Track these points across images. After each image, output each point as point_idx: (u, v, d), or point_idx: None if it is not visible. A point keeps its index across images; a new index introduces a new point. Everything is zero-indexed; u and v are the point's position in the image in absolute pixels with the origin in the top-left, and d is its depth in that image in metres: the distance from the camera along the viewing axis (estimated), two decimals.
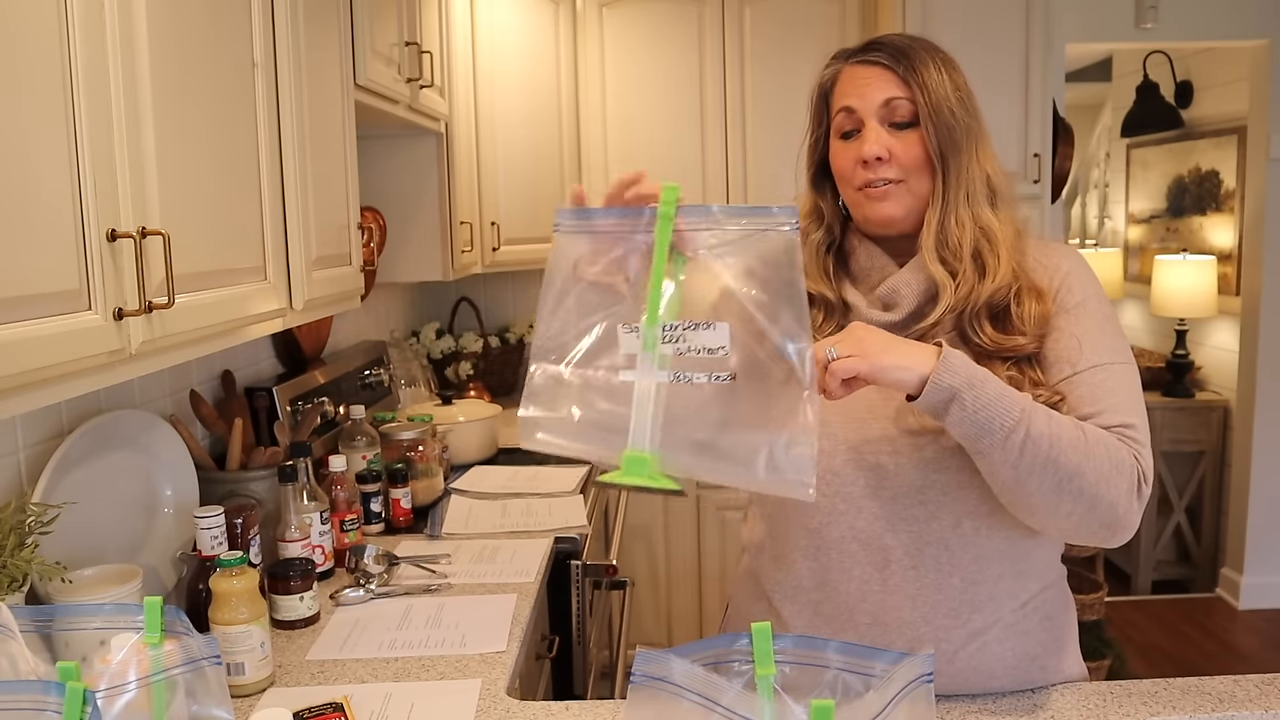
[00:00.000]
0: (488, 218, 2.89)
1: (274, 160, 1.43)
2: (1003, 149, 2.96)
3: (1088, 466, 1.00)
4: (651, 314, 0.88)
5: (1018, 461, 0.99)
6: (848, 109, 1.16)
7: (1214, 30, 3.52)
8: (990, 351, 1.11)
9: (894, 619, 1.12)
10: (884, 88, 1.14)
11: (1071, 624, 1.23)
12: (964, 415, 0.98)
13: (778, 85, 3.17)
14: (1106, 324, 1.13)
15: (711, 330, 0.88)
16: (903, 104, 1.13)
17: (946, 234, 1.13)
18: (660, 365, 0.87)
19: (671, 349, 0.88)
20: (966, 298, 1.12)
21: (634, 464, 0.88)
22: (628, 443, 0.87)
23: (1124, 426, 1.06)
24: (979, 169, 1.15)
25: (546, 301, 0.92)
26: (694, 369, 0.88)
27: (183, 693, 0.92)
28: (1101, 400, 1.07)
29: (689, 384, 0.88)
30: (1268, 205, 3.60)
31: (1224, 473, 3.96)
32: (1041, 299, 1.13)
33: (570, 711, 1.19)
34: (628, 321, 0.89)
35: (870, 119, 1.14)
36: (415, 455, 2.12)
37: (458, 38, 2.64)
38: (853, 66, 1.18)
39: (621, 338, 0.89)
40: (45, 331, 0.91)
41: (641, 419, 0.87)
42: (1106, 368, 1.09)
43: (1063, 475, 0.99)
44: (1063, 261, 1.17)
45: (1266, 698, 1.13)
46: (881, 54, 1.15)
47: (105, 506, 1.44)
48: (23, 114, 0.88)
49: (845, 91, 1.17)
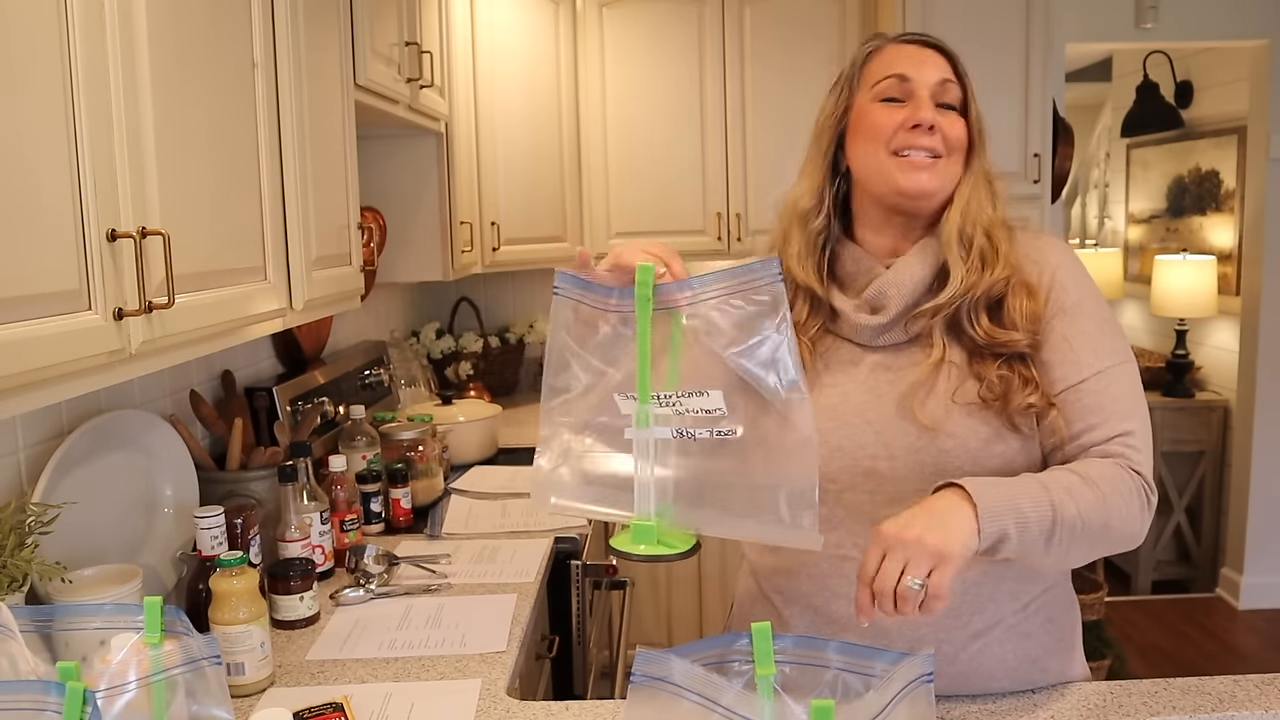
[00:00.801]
0: (488, 218, 2.89)
1: (274, 160, 1.43)
2: (1003, 149, 2.98)
3: (1112, 519, 1.03)
4: (642, 393, 0.90)
5: (1058, 551, 1.01)
6: (901, 76, 1.16)
7: (1214, 30, 3.52)
8: (983, 346, 1.12)
9: (894, 623, 1.12)
10: (939, 68, 1.16)
11: (1075, 626, 1.22)
12: (1012, 547, 0.98)
13: (778, 85, 3.16)
14: (1104, 323, 1.14)
15: (705, 397, 0.90)
16: (953, 88, 1.16)
17: (965, 224, 1.14)
18: (660, 424, 0.90)
19: (671, 411, 0.90)
20: (971, 288, 1.12)
21: (641, 532, 0.90)
22: (634, 507, 0.90)
23: (1124, 435, 1.07)
24: (985, 169, 1.18)
25: (550, 365, 0.94)
26: (695, 426, 0.90)
27: (183, 693, 0.92)
28: (1104, 409, 1.08)
29: (692, 440, 0.90)
30: (1268, 205, 3.60)
31: (1224, 473, 3.96)
32: (1033, 296, 1.13)
33: (570, 711, 1.19)
34: (622, 390, 0.91)
35: (923, 90, 1.15)
36: (415, 455, 2.12)
37: (458, 38, 2.64)
38: (904, 44, 1.19)
39: (619, 404, 0.91)
40: (45, 331, 0.91)
41: (644, 490, 0.90)
42: (1108, 373, 1.10)
43: (1095, 538, 1.03)
44: (1051, 255, 1.17)
45: (1266, 698, 1.13)
46: (933, 40, 1.19)
47: (105, 506, 1.44)
48: (23, 114, 0.88)
49: (896, 62, 1.17)
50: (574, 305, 0.93)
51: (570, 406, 0.92)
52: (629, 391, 0.91)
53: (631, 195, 3.28)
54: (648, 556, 0.89)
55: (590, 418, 0.91)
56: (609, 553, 0.93)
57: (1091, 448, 1.08)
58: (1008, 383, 1.09)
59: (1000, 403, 1.09)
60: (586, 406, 0.92)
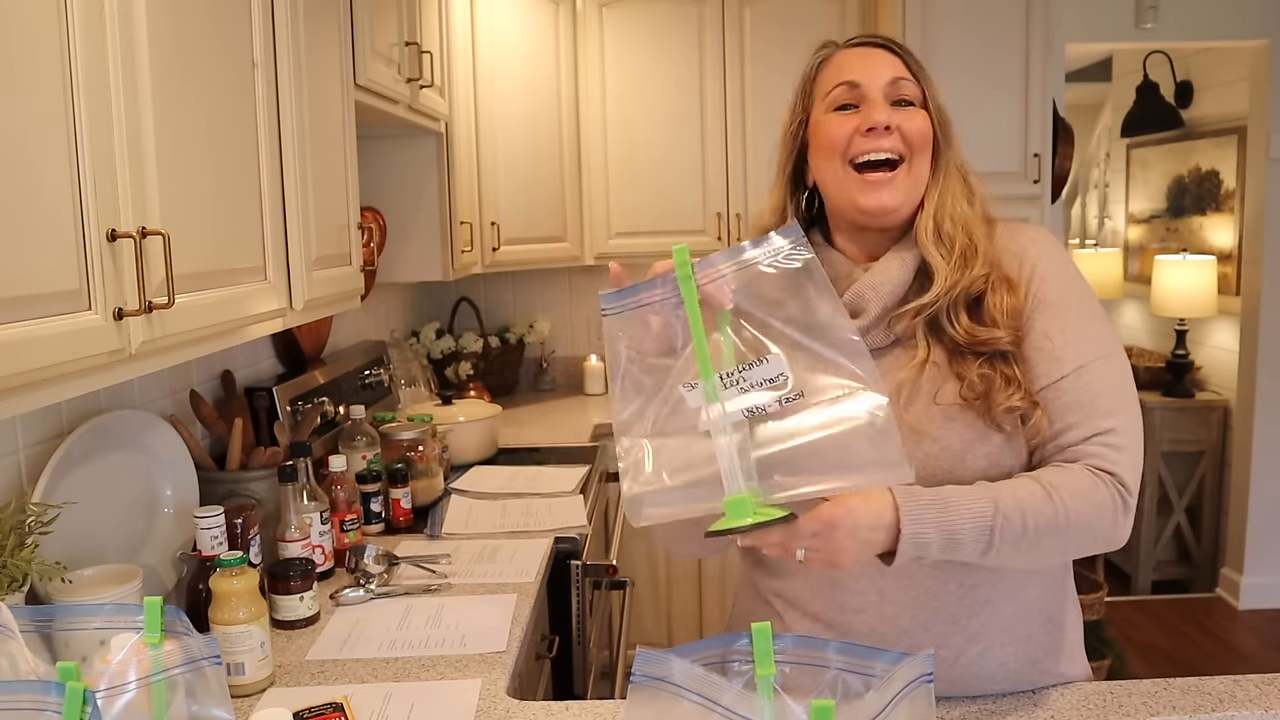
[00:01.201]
0: (488, 218, 2.89)
1: (274, 160, 1.43)
2: (1003, 149, 2.98)
3: (1072, 530, 1.03)
4: (704, 368, 0.90)
5: (1003, 560, 1.04)
6: (850, 83, 1.14)
7: (1214, 30, 3.52)
8: (964, 346, 1.10)
9: (892, 628, 1.11)
10: (890, 67, 1.14)
11: (1076, 626, 1.22)
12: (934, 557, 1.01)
13: (778, 85, 3.15)
14: (1086, 315, 1.12)
15: (765, 364, 0.90)
16: (908, 84, 1.14)
17: (940, 224, 1.13)
18: (730, 403, 0.90)
19: (736, 389, 0.90)
20: (953, 287, 1.10)
21: (736, 507, 0.90)
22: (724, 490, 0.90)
23: (1103, 434, 1.05)
24: (957, 164, 1.17)
25: (614, 384, 0.94)
26: (762, 400, 0.90)
27: (183, 693, 0.92)
28: (1084, 407, 1.07)
29: (764, 414, 0.90)
30: (1268, 205, 3.60)
31: (1224, 473, 3.96)
32: (1013, 290, 1.11)
33: (570, 711, 1.19)
34: (685, 381, 0.91)
35: (875, 92, 1.13)
36: (415, 455, 2.12)
37: (458, 38, 2.64)
38: (852, 48, 1.18)
39: (685, 395, 0.91)
40: (45, 331, 0.91)
41: (730, 464, 0.89)
42: (1089, 368, 1.08)
43: (1047, 549, 1.04)
44: (1031, 247, 1.15)
45: (1266, 698, 1.13)
46: (882, 39, 1.18)
47: (105, 506, 1.44)
48: (23, 114, 0.88)
49: (845, 68, 1.15)
50: (623, 317, 0.94)
51: (639, 416, 0.93)
52: (690, 379, 0.91)
53: (631, 195, 3.28)
54: (747, 527, 0.89)
55: (661, 421, 0.92)
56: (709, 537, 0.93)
57: (1068, 448, 1.06)
58: (989, 382, 1.07)
59: (982, 402, 1.07)
60: (655, 412, 0.92)
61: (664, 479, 0.91)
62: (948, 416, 1.09)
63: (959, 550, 1.00)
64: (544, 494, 2.20)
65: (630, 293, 0.95)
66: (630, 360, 0.94)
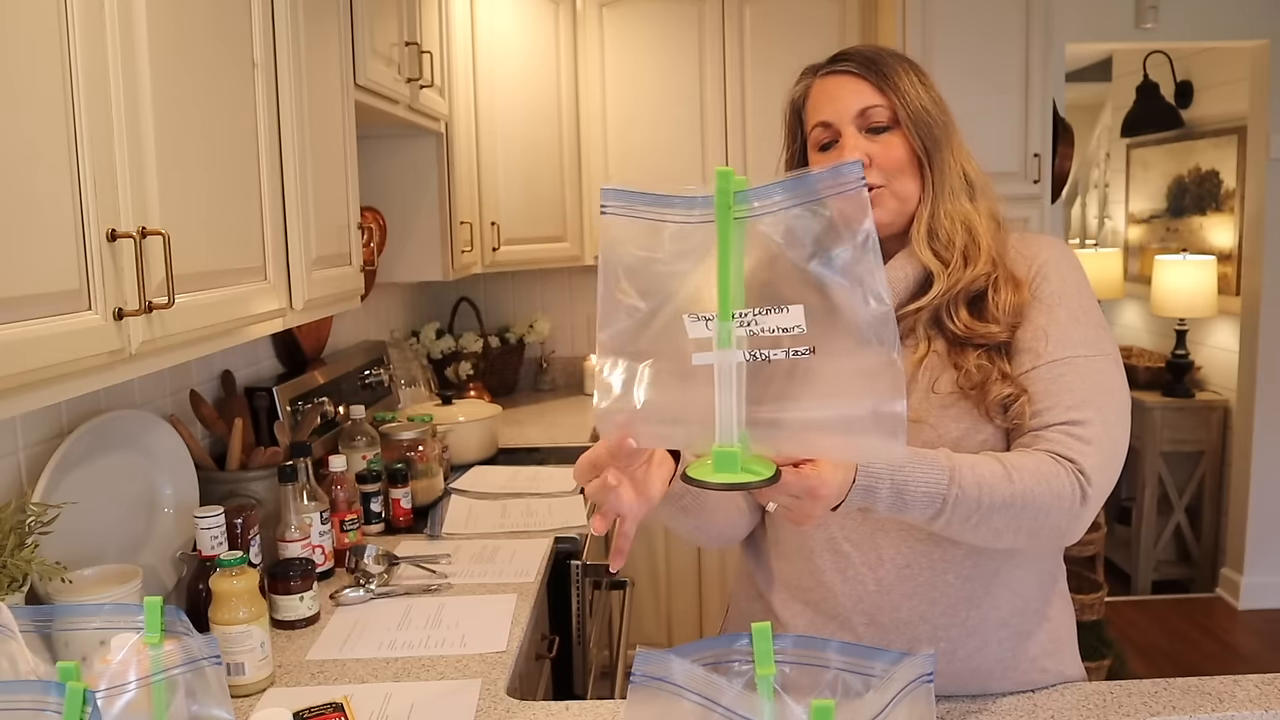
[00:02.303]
0: (488, 218, 2.89)
1: (274, 160, 1.43)
2: (1003, 149, 2.98)
3: (1025, 513, 1.01)
4: (724, 310, 0.82)
5: (952, 531, 1.02)
6: (823, 123, 1.17)
7: (1214, 30, 3.52)
8: (963, 339, 1.11)
9: (890, 619, 1.12)
10: (858, 96, 1.15)
11: (1071, 624, 1.23)
12: (883, 509, 0.98)
13: (778, 85, 3.13)
14: (1081, 315, 1.12)
15: (785, 313, 0.82)
16: (878, 110, 1.14)
17: (936, 227, 1.14)
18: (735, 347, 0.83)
19: (745, 332, 0.83)
20: (953, 286, 1.12)
21: (724, 460, 0.83)
22: (715, 437, 0.83)
23: (1069, 424, 1.04)
24: (955, 164, 1.16)
25: (603, 289, 0.86)
26: (770, 347, 0.83)
27: (183, 693, 0.92)
28: (1053, 396, 1.06)
29: (766, 361, 0.83)
30: (1268, 205, 3.60)
31: (1224, 473, 3.96)
32: (1018, 289, 1.13)
33: (570, 711, 1.19)
34: (691, 310, 0.84)
35: (847, 127, 1.15)
36: (415, 455, 2.12)
37: (458, 38, 2.64)
38: (823, 79, 1.19)
39: (688, 325, 0.84)
40: (45, 331, 0.91)
41: (726, 413, 0.83)
42: (1069, 361, 1.08)
43: (996, 529, 1.01)
44: (1042, 251, 1.16)
45: (1266, 698, 1.13)
46: (851, 63, 1.17)
47: (105, 506, 1.44)
48: (23, 114, 0.88)
49: (818, 105, 1.18)
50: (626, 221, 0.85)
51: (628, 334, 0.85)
52: (697, 312, 0.83)
53: None
54: (728, 485, 0.83)
55: (652, 345, 0.85)
56: (684, 482, 0.87)
57: (1032, 432, 1.06)
58: (986, 373, 1.08)
59: (978, 392, 1.08)
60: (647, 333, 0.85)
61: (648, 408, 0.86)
62: (944, 405, 1.10)
63: (907, 510, 0.98)
64: (544, 494, 2.20)
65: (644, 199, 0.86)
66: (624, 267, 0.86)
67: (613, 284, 0.87)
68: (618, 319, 0.86)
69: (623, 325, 0.86)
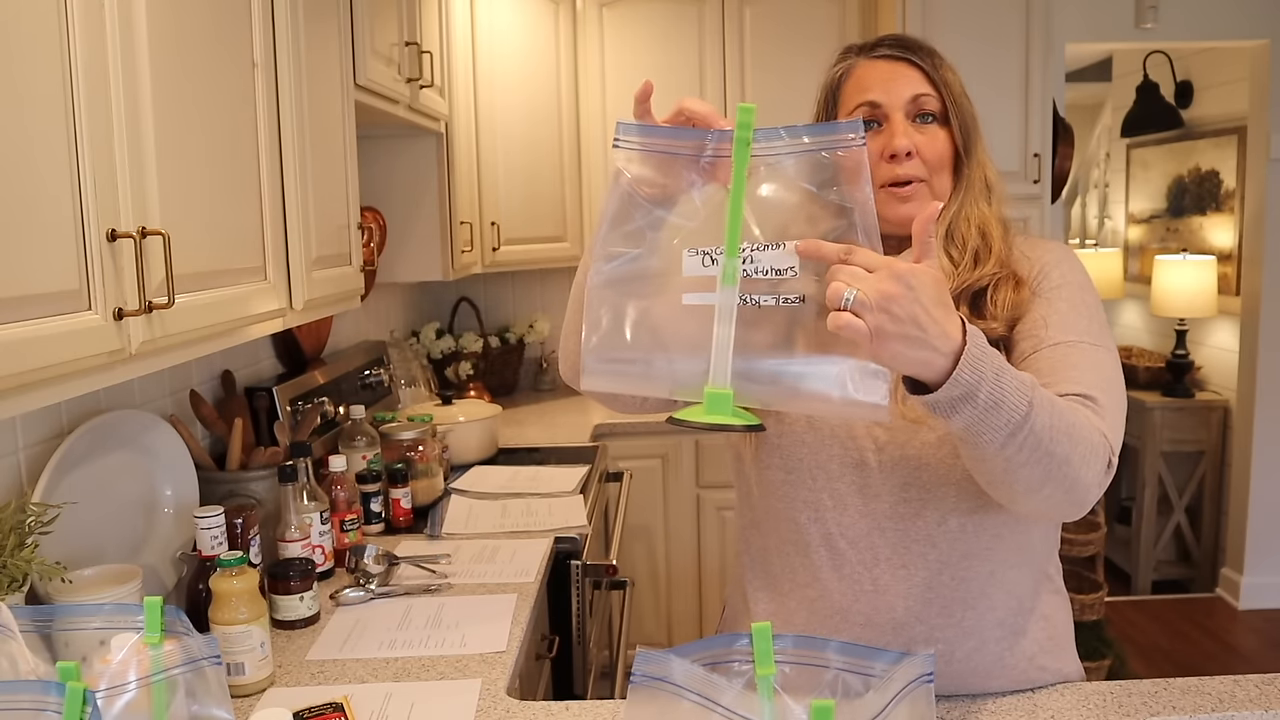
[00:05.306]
0: (488, 218, 2.89)
1: (274, 160, 1.43)
2: (1003, 149, 2.98)
3: (1074, 454, 0.94)
4: (731, 246, 0.82)
5: (1014, 456, 0.91)
6: (871, 103, 1.14)
7: (1214, 30, 3.52)
8: None
9: (886, 620, 1.12)
10: (910, 83, 1.14)
11: (1068, 623, 1.22)
12: (974, 414, 0.87)
13: (778, 85, 3.16)
14: (1082, 309, 1.11)
15: (780, 250, 0.82)
16: (930, 99, 1.13)
17: (954, 229, 1.14)
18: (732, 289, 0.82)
19: (741, 271, 0.83)
20: (961, 285, 1.12)
21: (716, 402, 0.82)
22: (708, 378, 0.82)
23: (1080, 396, 1.00)
24: (981, 166, 1.16)
25: (605, 222, 0.86)
26: (762, 291, 0.83)
27: (183, 693, 0.92)
28: (1060, 372, 1.03)
29: (757, 307, 0.82)
30: (1268, 205, 3.60)
31: (1224, 473, 3.96)
32: (1019, 287, 1.12)
33: (570, 711, 1.19)
34: (693, 246, 0.83)
35: (896, 112, 1.13)
36: (415, 455, 2.12)
37: (458, 38, 2.64)
38: (871, 61, 1.17)
39: (686, 261, 0.83)
40: (45, 331, 0.91)
41: (721, 355, 0.82)
42: (1072, 344, 1.06)
43: (1053, 465, 0.92)
44: (1047, 254, 1.16)
45: (1266, 698, 1.13)
46: (903, 49, 1.15)
47: (105, 506, 1.44)
48: (23, 114, 0.88)
49: (866, 85, 1.15)
50: (642, 155, 0.84)
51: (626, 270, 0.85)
52: (705, 248, 0.83)
53: None
54: (713, 425, 0.81)
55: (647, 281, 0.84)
56: (672, 424, 0.83)
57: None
58: None
59: None
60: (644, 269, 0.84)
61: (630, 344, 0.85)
62: None
63: (999, 409, 0.87)
64: (544, 494, 2.20)
65: (660, 133, 0.86)
66: (630, 201, 0.86)
67: (611, 215, 0.86)
68: (613, 252, 0.85)
69: (618, 263, 0.85)
